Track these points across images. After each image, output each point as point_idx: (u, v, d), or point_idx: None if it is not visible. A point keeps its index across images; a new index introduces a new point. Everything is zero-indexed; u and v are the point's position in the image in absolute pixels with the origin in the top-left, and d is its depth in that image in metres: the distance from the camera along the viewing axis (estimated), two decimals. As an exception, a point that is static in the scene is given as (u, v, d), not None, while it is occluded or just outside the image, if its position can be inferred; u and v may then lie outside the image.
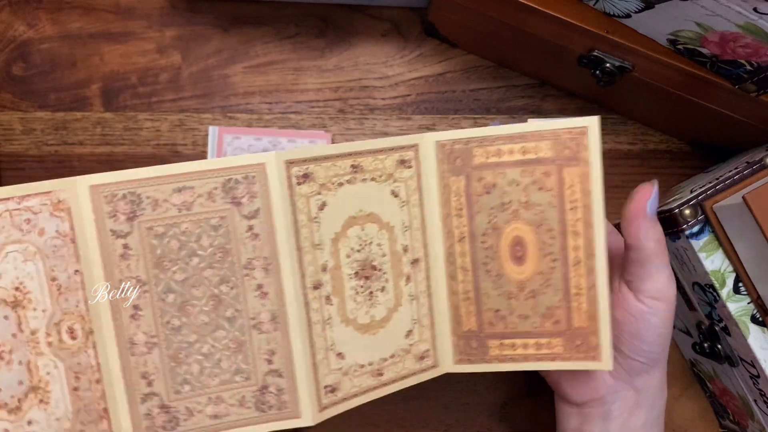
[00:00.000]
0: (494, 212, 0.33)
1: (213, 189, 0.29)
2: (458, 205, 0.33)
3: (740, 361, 0.39)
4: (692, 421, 0.47)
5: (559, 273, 0.32)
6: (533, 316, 0.33)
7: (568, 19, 0.37)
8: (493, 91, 0.48)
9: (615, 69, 0.39)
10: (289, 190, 0.30)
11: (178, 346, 0.30)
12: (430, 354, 0.34)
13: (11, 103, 0.46)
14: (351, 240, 0.32)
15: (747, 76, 0.36)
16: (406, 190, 0.33)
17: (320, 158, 0.31)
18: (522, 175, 0.32)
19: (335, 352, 0.32)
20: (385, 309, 0.33)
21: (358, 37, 0.47)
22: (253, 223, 0.30)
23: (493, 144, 0.32)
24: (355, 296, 0.32)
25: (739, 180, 0.37)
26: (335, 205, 0.32)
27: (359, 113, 0.47)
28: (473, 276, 0.34)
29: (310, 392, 0.31)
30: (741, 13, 0.31)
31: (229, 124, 0.47)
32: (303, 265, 0.31)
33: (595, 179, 0.31)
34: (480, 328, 0.34)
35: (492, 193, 0.33)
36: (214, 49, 0.47)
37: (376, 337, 0.33)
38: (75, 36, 0.47)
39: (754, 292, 0.36)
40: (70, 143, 0.46)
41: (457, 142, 0.33)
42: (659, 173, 0.48)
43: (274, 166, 0.30)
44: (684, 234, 0.37)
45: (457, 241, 0.34)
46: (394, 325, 0.33)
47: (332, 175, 0.31)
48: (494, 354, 0.34)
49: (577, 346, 0.32)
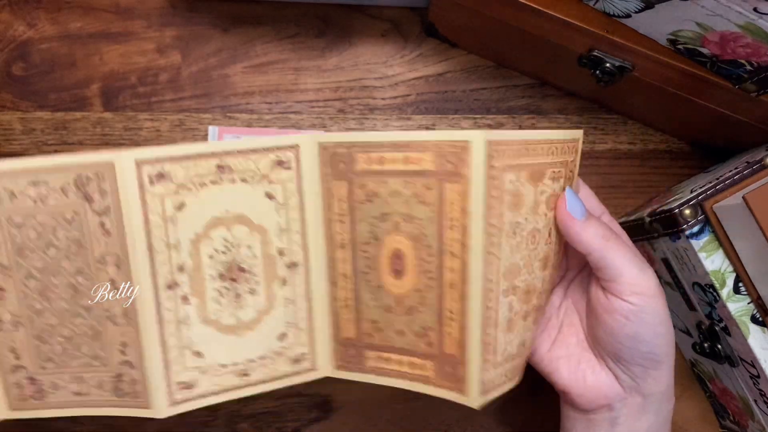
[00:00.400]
0: (376, 222, 0.31)
1: (66, 184, 0.30)
2: (340, 211, 0.32)
3: (740, 361, 0.38)
4: (692, 421, 0.47)
5: (434, 293, 0.30)
6: (408, 333, 0.31)
7: (568, 19, 0.37)
8: (493, 91, 0.48)
9: (615, 69, 0.39)
10: (140, 189, 0.30)
11: (41, 327, 0.31)
12: (308, 357, 0.33)
13: (11, 103, 0.46)
14: (214, 241, 0.32)
15: (747, 76, 0.36)
16: (283, 192, 0.32)
17: (178, 158, 0.30)
18: (404, 186, 0.30)
19: (192, 351, 0.32)
20: (255, 311, 0.33)
21: (358, 37, 0.47)
22: (104, 219, 0.30)
23: (375, 151, 0.30)
24: (218, 297, 0.32)
25: (739, 180, 0.37)
26: (196, 205, 0.31)
27: (359, 113, 0.47)
28: (354, 284, 0.32)
29: (161, 387, 0.31)
30: (741, 13, 0.31)
31: (229, 124, 0.47)
32: (155, 265, 0.31)
33: (475, 199, 0.28)
34: (358, 337, 0.33)
35: (374, 201, 0.31)
36: (214, 49, 0.47)
37: (243, 339, 0.33)
38: (75, 36, 0.47)
39: (754, 292, 0.36)
40: (70, 143, 0.46)
41: (339, 145, 0.31)
42: (659, 173, 0.48)
43: (124, 166, 0.29)
44: (684, 234, 0.37)
45: (338, 247, 0.32)
46: (264, 328, 0.33)
47: (193, 175, 0.31)
48: (371, 366, 0.33)
49: (447, 373, 0.30)
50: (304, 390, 0.46)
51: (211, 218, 0.32)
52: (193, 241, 0.31)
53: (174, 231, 0.31)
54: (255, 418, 0.46)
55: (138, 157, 0.30)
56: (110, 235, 0.30)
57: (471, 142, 0.27)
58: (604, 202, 0.48)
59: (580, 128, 0.48)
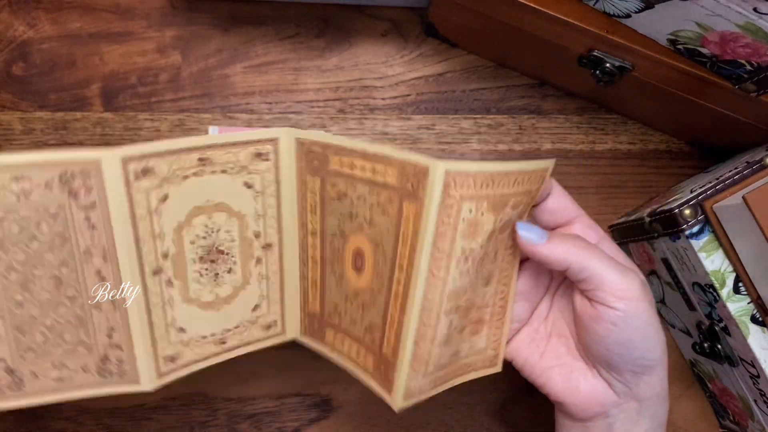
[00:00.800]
0: (343, 219, 0.33)
1: (50, 180, 0.30)
2: (313, 203, 0.34)
3: (740, 361, 0.39)
4: (692, 421, 0.47)
5: (383, 297, 0.31)
6: (359, 325, 0.33)
7: (568, 19, 0.37)
8: (493, 91, 0.48)
9: (615, 69, 0.39)
10: (126, 186, 0.31)
11: (22, 318, 0.32)
12: (278, 324, 0.37)
13: (11, 103, 0.46)
14: (196, 228, 0.34)
15: (747, 76, 0.36)
16: (261, 182, 0.34)
17: (163, 153, 0.31)
18: (370, 193, 0.31)
19: (176, 328, 0.34)
20: (231, 288, 0.35)
21: (358, 37, 0.47)
22: (90, 214, 0.31)
23: (347, 156, 0.32)
24: (198, 278, 0.34)
25: (739, 180, 0.37)
26: (179, 196, 0.33)
27: (359, 113, 0.47)
28: (321, 268, 0.35)
29: (149, 363, 0.33)
30: (741, 13, 0.31)
31: (229, 124, 0.47)
32: (141, 255, 0.32)
33: (425, 225, 0.28)
34: (321, 313, 0.36)
35: (343, 201, 0.33)
36: (214, 49, 0.47)
37: (220, 312, 0.35)
38: (75, 36, 0.47)
39: (754, 292, 0.36)
40: (70, 143, 0.46)
41: (315, 144, 0.33)
42: (659, 173, 0.48)
43: (110, 164, 0.30)
44: (684, 234, 0.37)
45: (309, 234, 0.35)
46: (240, 301, 0.36)
47: (176, 168, 0.32)
48: (329, 341, 0.35)
49: (381, 371, 0.32)
50: (304, 390, 0.46)
51: (193, 208, 0.33)
52: (176, 229, 0.33)
53: (158, 222, 0.32)
54: (255, 418, 0.46)
55: (124, 155, 0.30)
56: (95, 228, 0.31)
57: (430, 170, 0.28)
58: (604, 202, 0.48)
59: (580, 128, 0.48)
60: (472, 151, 0.48)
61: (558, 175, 0.48)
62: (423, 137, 0.47)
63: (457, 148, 0.48)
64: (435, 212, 0.28)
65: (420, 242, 0.29)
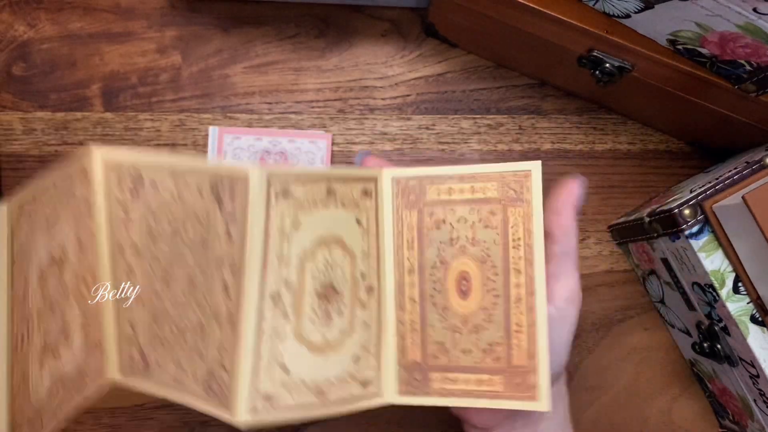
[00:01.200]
0: (443, 246, 0.34)
1: (201, 185, 0.31)
2: (410, 238, 0.34)
3: (740, 360, 0.39)
4: (692, 421, 0.47)
5: (500, 309, 0.33)
6: (475, 350, 0.33)
7: (568, 20, 0.37)
8: (493, 91, 0.48)
9: (614, 69, 0.39)
10: (267, 203, 0.31)
11: (157, 309, 0.33)
12: (374, 382, 0.34)
13: (12, 103, 0.46)
14: (318, 261, 0.33)
15: (747, 77, 0.36)
16: (367, 220, 0.35)
17: (302, 177, 0.32)
18: (470, 212, 0.33)
19: (280, 364, 0.33)
20: (339, 332, 0.34)
21: (358, 38, 0.47)
22: (230, 225, 0.31)
23: (444, 183, 0.34)
24: (312, 316, 0.33)
25: (738, 180, 0.37)
26: (308, 225, 0.33)
27: (359, 113, 0.47)
28: (420, 307, 0.34)
29: (245, 394, 0.32)
30: (740, 14, 0.31)
31: (229, 124, 0.47)
32: (266, 276, 0.32)
33: (537, 219, 0.32)
34: (424, 359, 0.34)
35: (441, 228, 0.34)
36: (215, 49, 0.47)
37: (326, 359, 0.34)
38: (75, 36, 0.47)
39: (754, 292, 0.36)
40: (71, 143, 0.46)
41: (412, 179, 0.34)
42: (659, 173, 0.48)
43: (255, 179, 0.31)
44: (683, 234, 0.37)
45: (406, 273, 0.35)
46: (344, 349, 0.34)
47: (310, 196, 0.33)
48: (436, 387, 0.34)
49: (516, 384, 0.32)
50: (305, 390, 0.46)
51: (319, 239, 0.33)
52: (301, 258, 0.33)
53: (288, 247, 0.32)
54: (255, 418, 0.46)
55: (270, 171, 0.31)
56: (232, 241, 0.31)
57: (532, 171, 0.32)
58: (604, 202, 0.48)
59: (580, 128, 0.48)
60: (471, 151, 0.48)
61: (558, 175, 0.48)
62: (423, 137, 0.48)
63: (456, 148, 0.48)
64: (541, 207, 0.32)
65: (535, 239, 0.32)
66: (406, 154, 0.47)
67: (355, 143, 0.47)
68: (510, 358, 0.32)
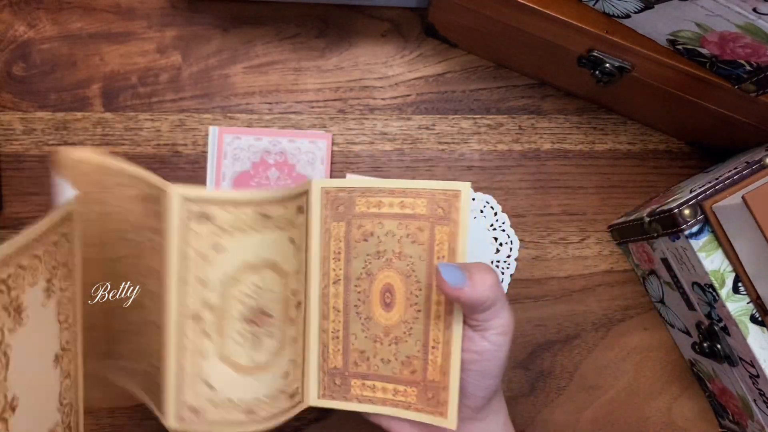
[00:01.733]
0: (370, 259, 0.34)
1: (142, 193, 0.33)
2: (337, 249, 0.34)
3: (740, 360, 0.39)
4: (692, 421, 0.47)
5: (421, 324, 0.33)
6: (394, 361, 0.34)
7: (568, 20, 0.37)
8: (492, 91, 0.48)
9: (614, 69, 0.39)
10: (185, 224, 0.33)
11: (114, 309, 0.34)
12: (299, 391, 0.35)
13: (12, 103, 0.46)
14: (245, 286, 0.34)
15: (746, 77, 0.36)
16: (299, 237, 0.35)
17: (224, 202, 0.33)
18: (398, 227, 0.33)
19: (204, 382, 0.34)
20: (268, 353, 0.35)
21: (358, 38, 0.48)
22: (157, 238, 0.32)
23: (374, 196, 0.34)
24: (239, 339, 0.34)
25: (738, 180, 0.37)
26: (234, 250, 0.34)
27: (359, 113, 0.47)
28: (344, 317, 0.35)
29: (172, 403, 0.33)
30: (740, 14, 0.31)
31: (229, 124, 0.47)
32: (186, 296, 0.33)
33: (462, 240, 0.32)
34: (345, 366, 0.35)
35: (369, 241, 0.34)
36: (215, 50, 0.47)
37: (256, 378, 0.35)
38: (75, 36, 0.47)
39: (754, 292, 0.36)
40: (71, 143, 0.46)
41: (341, 190, 0.34)
42: (659, 173, 0.48)
43: (175, 199, 0.32)
44: (683, 234, 0.37)
45: (332, 283, 0.35)
46: (275, 368, 0.35)
47: (235, 222, 0.34)
48: (355, 393, 0.35)
49: (429, 399, 0.33)
50: (305, 390, 0.46)
51: (244, 264, 0.34)
52: (223, 282, 0.34)
53: (208, 269, 0.33)
54: (255, 418, 0.46)
55: (185, 194, 0.33)
56: (157, 253, 0.33)
57: (461, 191, 0.32)
58: (604, 202, 0.48)
59: (580, 128, 0.48)
60: (471, 152, 0.48)
61: (558, 175, 0.48)
62: (423, 137, 0.48)
63: (456, 148, 0.48)
64: (468, 227, 0.32)
65: (459, 258, 0.32)
66: (406, 154, 0.47)
67: (355, 143, 0.47)
68: (425, 372, 0.33)
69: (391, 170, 0.47)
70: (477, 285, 0.31)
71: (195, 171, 0.47)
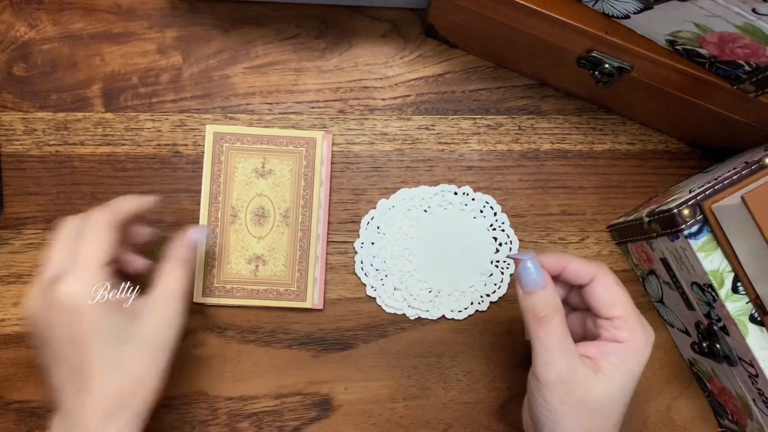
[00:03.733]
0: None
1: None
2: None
3: (739, 360, 0.39)
4: (691, 421, 0.47)
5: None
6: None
7: (567, 20, 0.37)
8: (492, 91, 0.48)
9: (614, 69, 0.39)
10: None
11: None
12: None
13: (12, 103, 0.46)
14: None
15: (746, 77, 0.36)
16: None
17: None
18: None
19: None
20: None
21: (358, 38, 0.48)
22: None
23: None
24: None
25: (737, 180, 0.37)
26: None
27: (359, 114, 0.48)
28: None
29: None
30: (740, 14, 0.31)
31: (229, 124, 0.47)
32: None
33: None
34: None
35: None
36: (215, 50, 0.47)
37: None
38: (76, 37, 0.47)
39: (753, 291, 0.36)
40: (72, 143, 0.46)
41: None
42: (658, 173, 0.48)
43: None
44: (683, 234, 0.37)
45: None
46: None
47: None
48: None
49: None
50: (304, 389, 0.46)
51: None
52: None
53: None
54: (255, 417, 0.46)
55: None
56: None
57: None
58: (603, 202, 0.48)
59: (579, 128, 0.48)
60: (471, 152, 0.48)
61: (557, 174, 0.48)
62: (423, 137, 0.48)
63: (456, 149, 0.48)
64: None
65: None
66: (405, 154, 0.48)
67: (355, 143, 0.47)
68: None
69: (391, 170, 0.47)
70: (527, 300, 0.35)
71: (195, 171, 0.47)
